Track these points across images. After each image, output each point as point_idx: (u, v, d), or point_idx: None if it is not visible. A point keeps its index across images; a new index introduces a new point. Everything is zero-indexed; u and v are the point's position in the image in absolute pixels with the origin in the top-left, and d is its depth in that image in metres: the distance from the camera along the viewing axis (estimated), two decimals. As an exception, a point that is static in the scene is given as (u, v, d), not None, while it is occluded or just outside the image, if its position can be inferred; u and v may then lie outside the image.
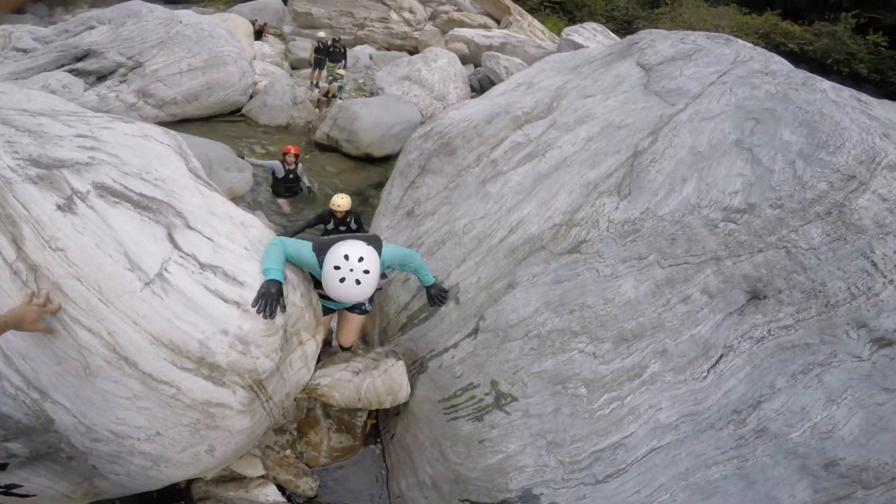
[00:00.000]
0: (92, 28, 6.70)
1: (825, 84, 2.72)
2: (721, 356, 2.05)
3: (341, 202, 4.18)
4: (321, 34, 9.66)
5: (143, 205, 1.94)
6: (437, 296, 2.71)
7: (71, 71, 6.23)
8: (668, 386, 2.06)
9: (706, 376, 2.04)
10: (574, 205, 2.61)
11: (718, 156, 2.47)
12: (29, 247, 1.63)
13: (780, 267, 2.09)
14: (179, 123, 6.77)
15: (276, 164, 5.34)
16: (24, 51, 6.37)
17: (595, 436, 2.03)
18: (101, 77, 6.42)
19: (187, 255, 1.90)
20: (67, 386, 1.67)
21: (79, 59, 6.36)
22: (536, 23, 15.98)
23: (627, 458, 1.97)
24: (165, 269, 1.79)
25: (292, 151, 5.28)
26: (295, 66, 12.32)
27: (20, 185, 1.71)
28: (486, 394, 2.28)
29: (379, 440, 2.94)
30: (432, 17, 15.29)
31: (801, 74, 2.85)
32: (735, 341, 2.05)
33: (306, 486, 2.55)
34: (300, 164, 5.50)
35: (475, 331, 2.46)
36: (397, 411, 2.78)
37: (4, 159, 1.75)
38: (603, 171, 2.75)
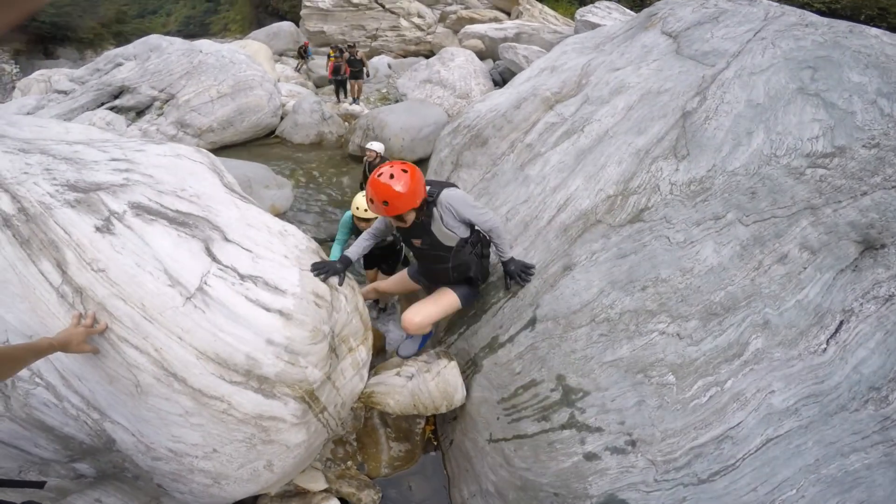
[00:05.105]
0: (120, 64, 7.04)
1: (874, 30, 2.43)
2: (841, 323, 1.71)
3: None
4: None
5: (179, 221, 1.90)
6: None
7: (111, 108, 6.56)
8: (778, 364, 1.75)
9: (825, 349, 1.71)
10: (627, 173, 2.36)
11: (783, 105, 2.19)
12: (72, 270, 1.62)
13: (894, 208, 1.76)
14: (220, 150, 7.01)
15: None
16: (65, 92, 6.78)
17: (692, 429, 1.75)
18: (140, 112, 6.74)
19: (226, 267, 1.84)
20: (122, 405, 1.65)
21: (115, 97, 6.70)
22: (547, 9, 15.63)
23: (737, 451, 1.67)
24: (205, 283, 1.74)
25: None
26: (319, 84, 12.61)
27: (59, 209, 1.70)
28: (552, 390, 2.05)
29: (437, 443, 2.79)
30: (442, 19, 15.29)
31: (845, 24, 2.56)
32: (856, 303, 1.72)
33: (368, 498, 2.44)
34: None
35: (532, 321, 2.25)
36: (454, 415, 2.61)
37: (43, 186, 1.76)
38: (652, 137, 2.50)
